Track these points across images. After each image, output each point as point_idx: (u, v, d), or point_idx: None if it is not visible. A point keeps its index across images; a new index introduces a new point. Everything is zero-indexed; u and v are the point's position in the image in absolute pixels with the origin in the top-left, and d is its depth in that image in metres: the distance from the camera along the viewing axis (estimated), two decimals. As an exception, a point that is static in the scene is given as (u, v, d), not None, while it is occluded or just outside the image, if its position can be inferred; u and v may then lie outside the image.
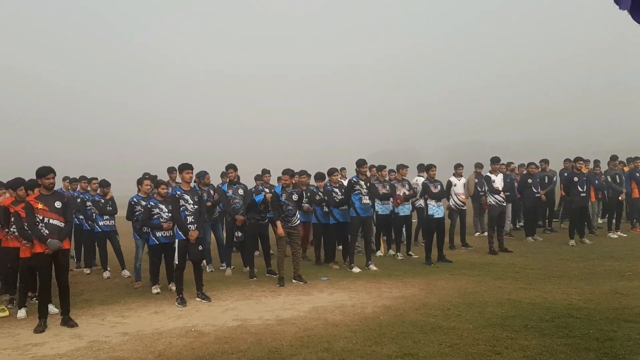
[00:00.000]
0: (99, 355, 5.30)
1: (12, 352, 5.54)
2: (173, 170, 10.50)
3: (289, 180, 8.85)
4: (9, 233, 7.84)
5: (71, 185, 10.96)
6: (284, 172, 8.92)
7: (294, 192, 8.84)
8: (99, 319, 6.82)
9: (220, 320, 6.48)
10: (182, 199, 7.56)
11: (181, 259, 7.54)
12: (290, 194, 8.76)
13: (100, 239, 10.20)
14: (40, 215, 6.40)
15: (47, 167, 6.55)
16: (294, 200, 8.78)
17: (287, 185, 8.83)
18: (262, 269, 9.71)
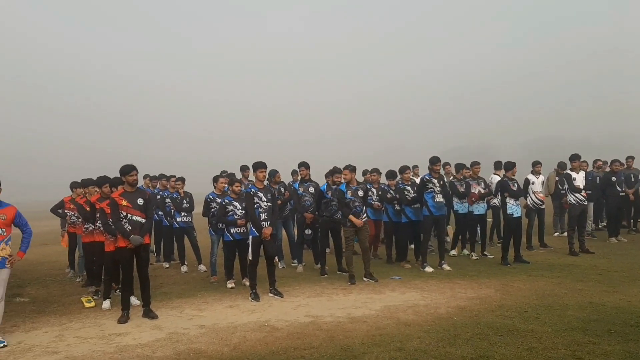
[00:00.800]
0: (177, 346, 5.49)
1: (97, 341, 5.85)
2: (246, 168, 10.74)
3: (349, 175, 8.84)
4: (88, 229, 8.29)
5: (151, 182, 11.42)
6: (344, 168, 8.92)
7: (359, 188, 8.80)
8: (178, 312, 7.07)
9: (293, 316, 6.56)
10: (256, 197, 7.70)
11: (254, 255, 7.69)
12: (355, 191, 8.72)
13: (178, 234, 10.59)
14: (124, 212, 6.72)
15: (130, 165, 6.86)
16: (360, 197, 8.74)
17: (349, 181, 8.80)
18: (333, 267, 9.74)
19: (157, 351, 5.35)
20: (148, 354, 5.28)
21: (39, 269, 11.26)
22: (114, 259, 7.41)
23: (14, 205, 6.13)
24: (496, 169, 11.87)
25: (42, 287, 9.21)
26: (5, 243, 5.91)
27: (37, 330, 6.42)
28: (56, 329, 6.40)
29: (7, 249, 5.92)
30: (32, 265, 11.68)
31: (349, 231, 8.72)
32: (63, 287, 9.21)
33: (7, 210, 5.97)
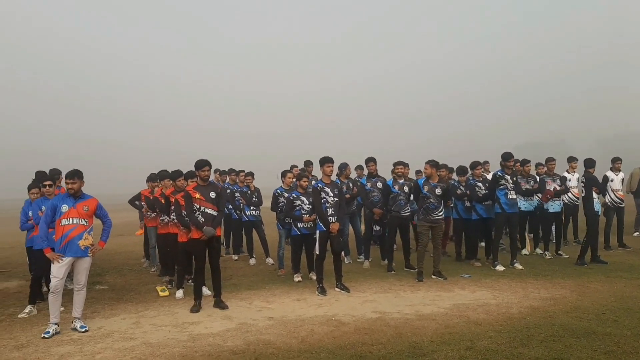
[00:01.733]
0: (247, 337, 5.61)
1: (172, 328, 6.07)
2: (310, 163, 10.82)
3: (430, 170, 8.71)
4: (163, 221, 8.60)
5: (221, 177, 11.70)
6: (426, 162, 8.81)
7: (437, 185, 8.66)
8: (247, 303, 7.23)
9: (360, 311, 6.56)
10: (323, 192, 7.74)
11: (321, 250, 7.74)
12: (433, 187, 8.60)
13: (247, 227, 10.82)
14: (197, 204, 6.94)
15: (204, 160, 7.07)
16: (437, 195, 8.60)
17: (429, 176, 8.68)
18: (400, 263, 9.66)
19: (227, 340, 5.49)
20: (219, 343, 5.43)
21: (117, 259, 11.81)
22: (187, 250, 7.66)
23: (95, 197, 6.46)
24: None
25: (119, 276, 9.67)
26: (88, 233, 6.23)
27: (116, 316, 6.73)
28: (133, 316, 6.70)
29: (89, 239, 6.24)
30: (110, 255, 12.26)
31: (422, 226, 8.63)
32: (139, 276, 9.63)
33: (90, 202, 6.29)
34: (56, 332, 5.95)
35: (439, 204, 8.61)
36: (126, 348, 5.34)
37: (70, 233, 6.08)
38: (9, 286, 8.93)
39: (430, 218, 8.57)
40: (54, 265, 6.05)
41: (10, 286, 8.94)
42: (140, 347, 5.35)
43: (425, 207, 8.56)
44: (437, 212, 8.57)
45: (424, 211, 8.57)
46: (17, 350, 5.39)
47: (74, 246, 6.08)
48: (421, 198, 8.59)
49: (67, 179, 6.26)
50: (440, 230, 8.74)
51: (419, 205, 8.69)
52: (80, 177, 6.26)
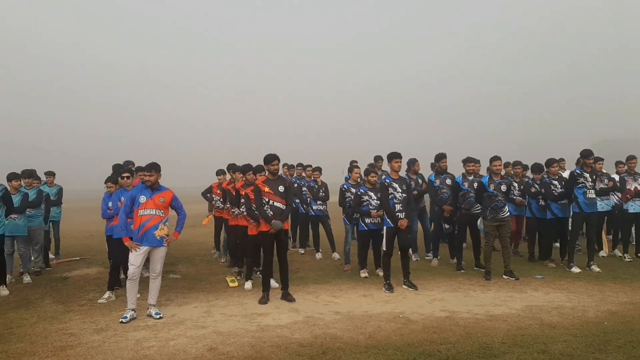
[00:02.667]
0: (314, 330, 5.66)
1: (241, 319, 6.21)
2: (379, 158, 10.74)
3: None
4: (234, 213, 8.79)
5: (289, 171, 11.83)
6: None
7: (502, 182, 8.42)
8: (313, 297, 7.29)
9: (428, 310, 6.47)
10: (391, 187, 7.68)
11: (389, 246, 7.68)
12: (498, 185, 8.36)
13: (314, 222, 10.89)
14: (266, 198, 7.05)
15: (273, 155, 7.18)
16: (503, 191, 8.36)
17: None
18: (470, 262, 9.45)
19: (295, 333, 5.56)
20: (287, 334, 5.50)
21: (189, 249, 12.20)
22: (256, 242, 7.80)
23: (171, 189, 6.69)
24: None
25: (191, 266, 9.98)
26: (163, 224, 6.46)
27: (188, 305, 6.96)
28: (204, 305, 6.90)
29: (165, 229, 6.47)
30: (183, 245, 12.68)
31: (489, 225, 8.42)
32: (210, 267, 9.90)
33: (166, 193, 6.52)
34: (133, 317, 6.22)
35: (505, 202, 8.39)
36: (198, 336, 5.52)
37: (147, 223, 6.33)
38: (89, 272, 9.41)
39: (499, 217, 8.35)
40: (132, 254, 6.32)
41: (90, 272, 9.41)
42: (212, 336, 5.51)
43: (494, 206, 8.33)
44: (504, 210, 8.35)
45: (492, 210, 8.35)
46: (97, 334, 5.67)
47: (150, 236, 6.33)
48: (487, 197, 8.37)
49: (145, 171, 6.53)
50: (507, 229, 8.49)
51: (485, 204, 8.45)
52: (158, 170, 6.49)
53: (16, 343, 5.38)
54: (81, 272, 9.47)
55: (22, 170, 8.97)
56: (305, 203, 10.92)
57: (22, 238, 8.68)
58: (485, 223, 8.49)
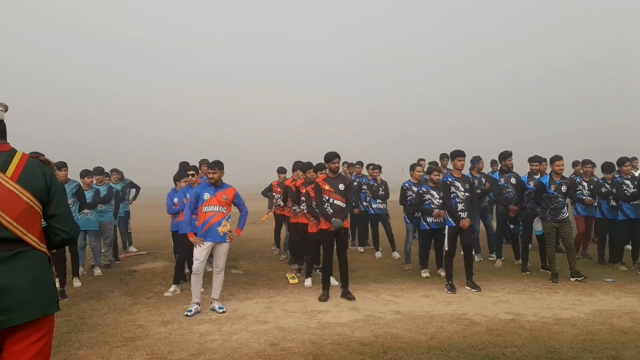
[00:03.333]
0: (375, 329, 5.62)
1: (301, 315, 6.25)
2: (445, 156, 10.56)
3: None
4: (295, 211, 8.86)
5: (349, 169, 11.81)
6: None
7: (563, 183, 8.11)
8: (374, 295, 7.24)
9: (492, 312, 6.30)
10: (453, 186, 7.53)
11: (451, 246, 7.54)
12: (559, 185, 8.06)
13: (373, 220, 10.83)
14: (327, 196, 7.07)
15: (334, 153, 7.18)
16: (563, 192, 8.06)
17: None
18: (536, 264, 9.14)
19: (355, 331, 5.54)
20: (347, 333, 5.49)
21: (249, 245, 12.41)
22: (316, 240, 7.84)
23: (234, 186, 6.82)
24: None
25: (252, 262, 10.15)
26: (226, 220, 6.59)
27: (249, 300, 7.08)
28: (265, 301, 7.00)
29: (228, 226, 6.60)
30: (244, 241, 12.91)
31: (549, 227, 8.14)
32: (270, 263, 10.04)
33: (229, 191, 6.65)
34: (197, 311, 6.39)
35: (565, 202, 8.10)
36: (260, 331, 5.60)
37: (211, 220, 6.48)
38: (156, 266, 9.74)
39: (559, 218, 8.07)
40: (196, 249, 6.49)
41: (157, 266, 9.73)
42: (273, 331, 5.57)
43: (554, 208, 8.04)
44: (564, 211, 8.07)
45: (553, 211, 8.07)
46: (163, 326, 5.86)
47: (213, 232, 6.47)
48: (547, 198, 8.08)
49: (209, 169, 6.68)
50: (568, 230, 8.19)
51: (544, 205, 8.15)
52: (221, 168, 6.63)
53: (88, 333, 5.63)
54: (148, 266, 9.81)
55: (93, 168, 9.38)
56: (364, 201, 10.87)
57: (94, 232, 9.08)
58: (545, 224, 8.21)
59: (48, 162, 2.81)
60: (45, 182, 2.70)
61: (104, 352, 4.99)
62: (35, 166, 2.68)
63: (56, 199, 2.75)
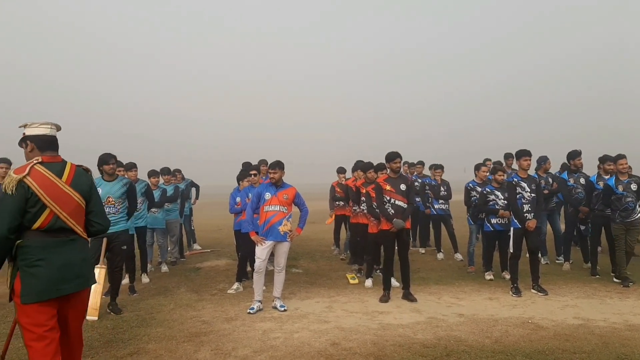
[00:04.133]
0: (437, 331, 5.54)
1: (362, 316, 6.24)
2: (509, 156, 10.27)
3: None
4: (355, 211, 8.84)
5: (410, 169, 11.69)
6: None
7: (631, 181, 7.71)
8: (436, 297, 7.14)
9: (560, 316, 6.08)
10: (519, 186, 7.31)
11: (516, 248, 7.33)
12: (627, 184, 7.67)
13: (435, 221, 10.67)
14: (388, 196, 7.02)
15: (395, 152, 7.12)
16: (634, 191, 7.66)
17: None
18: (605, 267, 8.74)
19: (417, 333, 5.48)
20: (409, 334, 5.43)
21: (309, 245, 12.50)
22: (376, 240, 7.80)
23: (294, 186, 6.88)
24: None
25: (312, 261, 10.21)
26: (287, 220, 6.67)
27: (310, 299, 7.12)
28: (326, 300, 7.02)
29: (288, 225, 6.67)
30: (304, 241, 13.01)
31: (618, 229, 7.77)
32: (330, 263, 10.07)
33: (289, 190, 6.73)
34: (259, 309, 6.49)
35: (636, 203, 7.69)
36: (321, 330, 5.62)
37: (272, 219, 6.57)
38: (219, 264, 9.97)
39: (629, 220, 7.72)
40: (258, 248, 6.59)
41: (220, 264, 9.96)
42: (334, 331, 5.59)
43: (624, 209, 7.67)
44: (636, 212, 7.67)
45: (623, 212, 7.70)
46: (227, 323, 5.99)
47: (274, 231, 6.56)
48: (616, 199, 7.72)
49: (270, 169, 6.77)
50: (636, 234, 7.85)
51: (614, 207, 7.79)
52: (282, 168, 6.71)
53: (157, 327, 5.83)
54: (212, 263, 10.05)
55: (160, 169, 9.71)
56: (426, 201, 10.73)
57: (161, 230, 9.40)
58: (614, 227, 7.84)
59: (88, 169, 3.70)
60: (88, 185, 3.57)
61: (171, 347, 5.15)
62: (81, 173, 3.57)
63: (94, 198, 3.62)
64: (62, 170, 3.44)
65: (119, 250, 6.55)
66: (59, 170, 3.43)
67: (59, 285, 3.27)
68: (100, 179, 6.65)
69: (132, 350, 5.04)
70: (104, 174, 6.66)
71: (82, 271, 3.44)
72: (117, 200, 6.59)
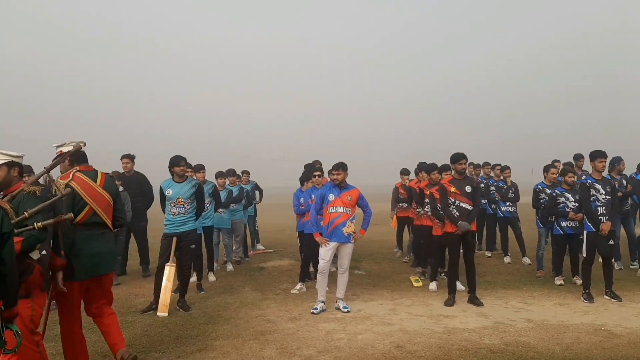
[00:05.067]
0: (504, 337, 5.40)
1: (427, 319, 6.17)
2: (579, 157, 9.89)
3: None
4: (419, 213, 8.74)
5: (475, 170, 11.44)
6: None
7: None
8: (503, 302, 6.96)
9: (635, 323, 5.80)
10: (593, 188, 7.02)
11: (589, 253, 7.03)
12: None
13: (502, 224, 10.40)
14: (452, 198, 6.91)
15: (460, 154, 7.00)
16: None
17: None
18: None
19: (484, 338, 5.37)
20: (475, 339, 5.33)
21: (371, 246, 12.44)
22: (441, 243, 7.69)
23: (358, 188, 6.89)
24: None
25: (375, 263, 10.17)
26: (350, 221, 6.68)
27: (373, 301, 7.10)
28: (389, 303, 6.99)
29: (352, 226, 6.68)
30: (367, 242, 12.94)
31: None
32: (392, 265, 10.00)
33: (353, 192, 6.74)
34: (323, 309, 6.54)
35: None
36: (385, 332, 5.61)
37: (336, 220, 6.60)
38: (282, 264, 10.10)
39: None
40: (322, 249, 6.65)
41: (283, 264, 10.10)
42: (398, 333, 5.56)
43: None
44: None
45: None
46: (291, 322, 6.07)
47: (338, 232, 6.59)
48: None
49: (334, 170, 6.81)
50: None
51: None
52: (345, 169, 6.73)
53: (223, 325, 5.99)
54: (275, 263, 10.20)
55: (226, 170, 9.95)
56: (493, 203, 10.47)
57: (227, 230, 9.63)
58: None
59: (112, 176, 4.72)
60: (115, 188, 4.65)
61: (237, 344, 5.28)
62: (109, 178, 4.59)
63: (119, 199, 4.65)
64: (96, 177, 4.46)
65: (187, 249, 6.76)
66: (93, 176, 4.45)
67: (93, 269, 4.29)
68: (170, 180, 6.89)
69: (201, 347, 5.20)
70: (174, 175, 6.88)
71: (109, 259, 4.49)
72: (186, 200, 6.79)
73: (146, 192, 9.16)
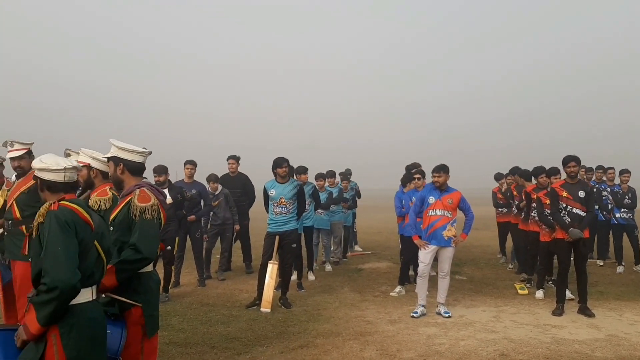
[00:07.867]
0: (619, 350, 5.08)
1: (533, 328, 5.91)
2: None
3: None
4: (528, 218, 8.37)
5: (587, 174, 10.80)
6: None
7: None
8: (616, 314, 6.53)
9: None
10: None
11: None
12: None
13: (617, 231, 9.74)
14: (564, 203, 6.57)
15: (570, 156, 6.65)
16: None
17: None
18: None
19: (596, 351, 5.07)
20: (586, 351, 5.05)
21: (473, 252, 12.11)
22: (549, 249, 7.35)
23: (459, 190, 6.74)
24: None
25: (477, 269, 9.88)
26: (451, 225, 6.55)
27: (475, 307, 6.91)
28: (493, 310, 6.77)
29: (453, 230, 6.55)
30: (468, 247, 12.61)
31: None
32: (496, 271, 9.66)
33: (454, 195, 6.60)
34: (423, 313, 6.47)
35: None
36: (488, 339, 5.45)
37: (436, 223, 6.50)
38: (380, 266, 10.09)
39: None
40: (421, 252, 6.58)
41: (381, 266, 10.09)
42: (502, 341, 5.38)
43: None
44: None
45: None
46: (391, 325, 6.06)
47: (438, 235, 6.49)
48: None
49: (435, 172, 6.71)
50: None
51: None
52: (446, 172, 6.61)
53: (324, 324, 6.09)
54: (373, 265, 10.22)
55: (326, 171, 10.10)
56: (605, 209, 9.83)
57: (326, 231, 9.78)
58: None
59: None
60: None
61: (338, 343, 5.35)
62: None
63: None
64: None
65: (289, 247, 6.96)
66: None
67: None
68: (273, 181, 7.11)
69: (302, 344, 5.32)
70: (277, 176, 7.10)
71: None
72: (288, 201, 6.98)
73: (249, 192, 9.54)
